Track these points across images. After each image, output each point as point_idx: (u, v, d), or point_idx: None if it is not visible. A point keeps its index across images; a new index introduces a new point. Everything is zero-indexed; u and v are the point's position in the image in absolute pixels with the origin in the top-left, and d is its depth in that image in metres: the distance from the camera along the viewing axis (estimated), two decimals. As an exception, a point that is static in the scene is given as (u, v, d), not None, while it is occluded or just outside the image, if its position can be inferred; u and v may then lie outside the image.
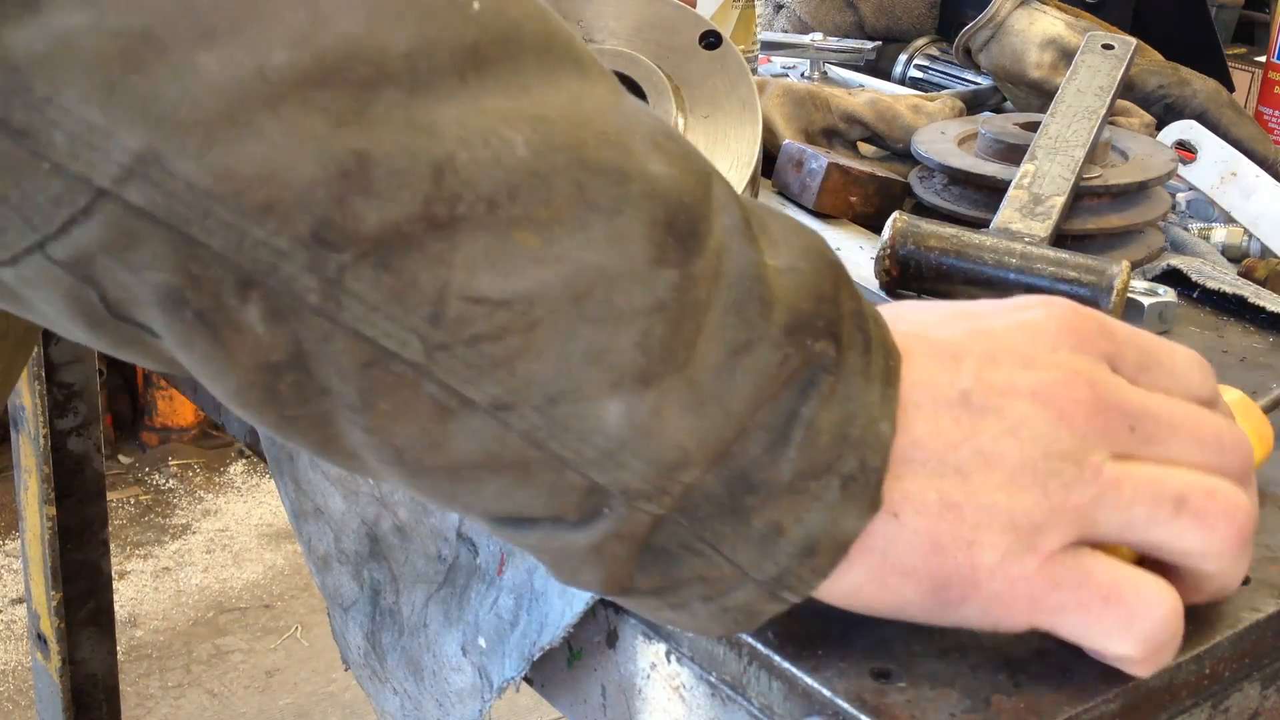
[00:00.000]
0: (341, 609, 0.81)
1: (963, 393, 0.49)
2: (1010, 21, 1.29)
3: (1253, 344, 0.94)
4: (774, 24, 1.61)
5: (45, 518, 1.49)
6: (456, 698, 0.72)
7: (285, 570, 2.97)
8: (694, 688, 0.61)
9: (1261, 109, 1.54)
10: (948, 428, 0.49)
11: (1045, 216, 0.94)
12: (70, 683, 1.56)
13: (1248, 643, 0.61)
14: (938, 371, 0.50)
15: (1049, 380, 0.50)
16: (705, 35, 0.84)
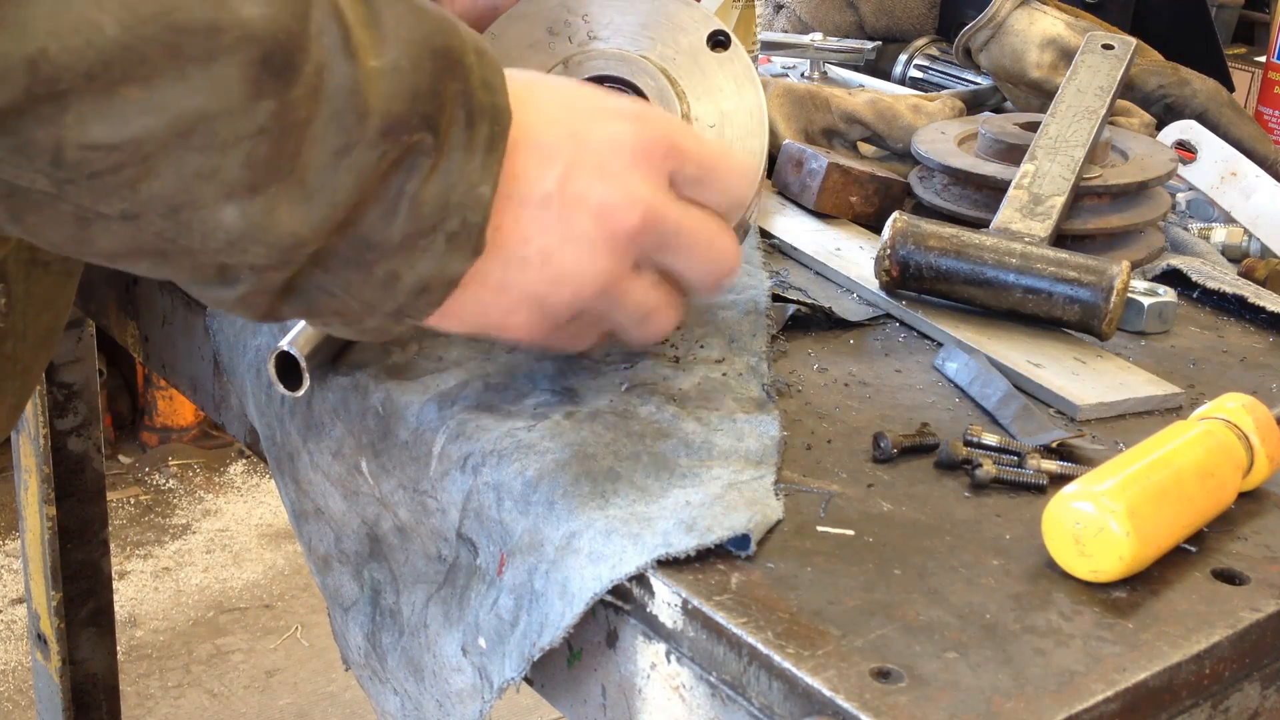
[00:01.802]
0: (342, 609, 0.81)
1: (545, 195, 0.64)
2: (1010, 21, 1.29)
3: (1253, 344, 0.94)
4: (774, 24, 1.60)
5: (45, 518, 1.49)
6: (456, 698, 0.72)
7: (285, 570, 2.96)
8: (694, 688, 0.62)
9: (1261, 109, 1.54)
10: (525, 223, 0.64)
11: (1045, 216, 0.94)
12: (70, 683, 1.56)
13: (1248, 643, 0.61)
14: (531, 168, 0.64)
15: (612, 201, 0.65)
16: (714, 35, 0.81)
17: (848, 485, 0.71)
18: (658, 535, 0.63)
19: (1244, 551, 0.67)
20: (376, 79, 0.57)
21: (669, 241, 0.68)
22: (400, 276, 0.61)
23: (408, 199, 0.59)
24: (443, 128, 0.59)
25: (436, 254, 0.61)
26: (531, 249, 0.65)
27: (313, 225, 0.57)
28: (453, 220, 0.61)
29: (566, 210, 0.65)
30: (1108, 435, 0.79)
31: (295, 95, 0.55)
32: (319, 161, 0.56)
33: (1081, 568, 0.62)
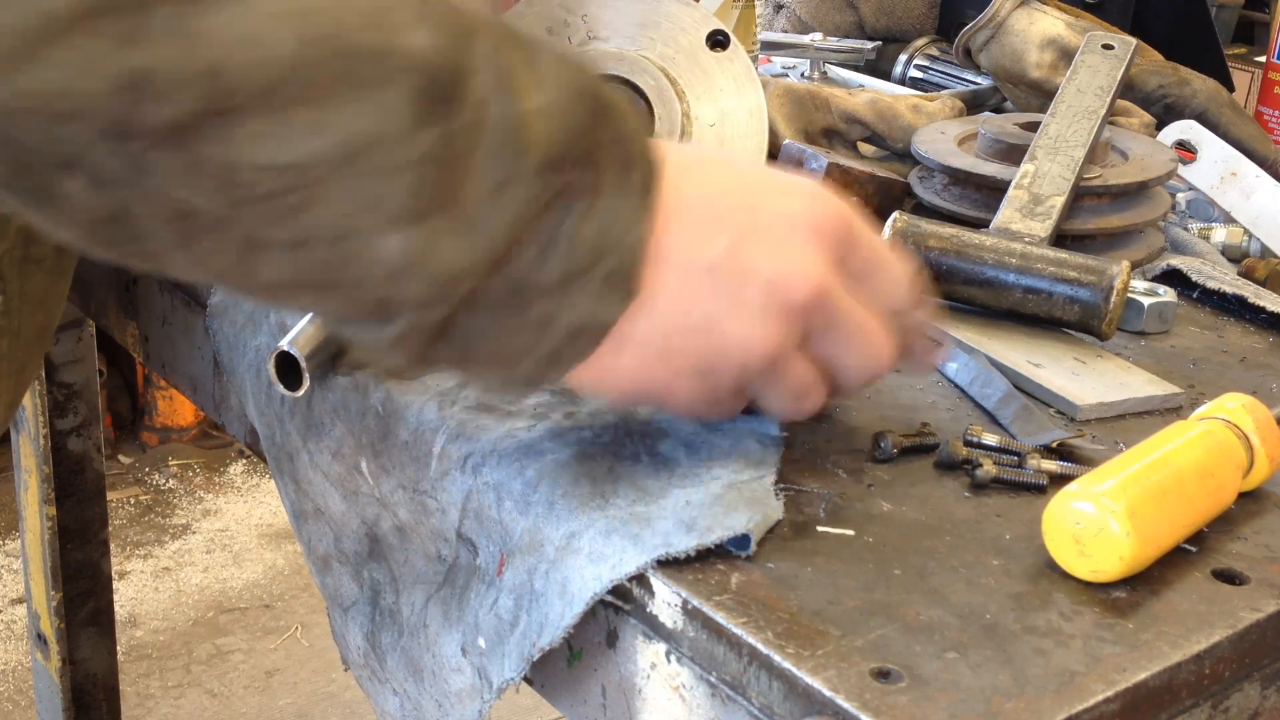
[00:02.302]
0: (341, 609, 0.81)
1: (711, 263, 0.63)
2: (1010, 21, 1.29)
3: (1253, 344, 0.94)
4: (774, 24, 1.60)
5: (45, 518, 1.49)
6: (456, 698, 0.72)
7: (285, 570, 2.97)
8: (694, 688, 0.62)
9: (1261, 109, 1.54)
10: (689, 289, 0.63)
11: (1045, 216, 0.94)
12: (70, 683, 1.56)
13: (1248, 643, 0.61)
14: (698, 234, 0.63)
15: (784, 274, 0.64)
16: (713, 35, 0.80)
17: (848, 485, 0.71)
18: (658, 535, 0.63)
19: (1244, 551, 0.67)
20: (536, 117, 0.57)
21: (835, 323, 0.66)
22: (555, 318, 0.61)
23: (565, 238, 0.59)
24: (601, 165, 0.60)
25: (591, 295, 0.61)
26: (695, 316, 0.64)
27: (473, 259, 0.57)
28: (609, 261, 0.60)
29: (735, 280, 0.64)
30: (1108, 435, 0.79)
31: (458, 126, 0.55)
32: (479, 195, 0.56)
33: (1081, 568, 0.62)
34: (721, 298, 0.64)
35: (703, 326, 0.64)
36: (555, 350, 0.62)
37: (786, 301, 0.64)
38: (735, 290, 0.63)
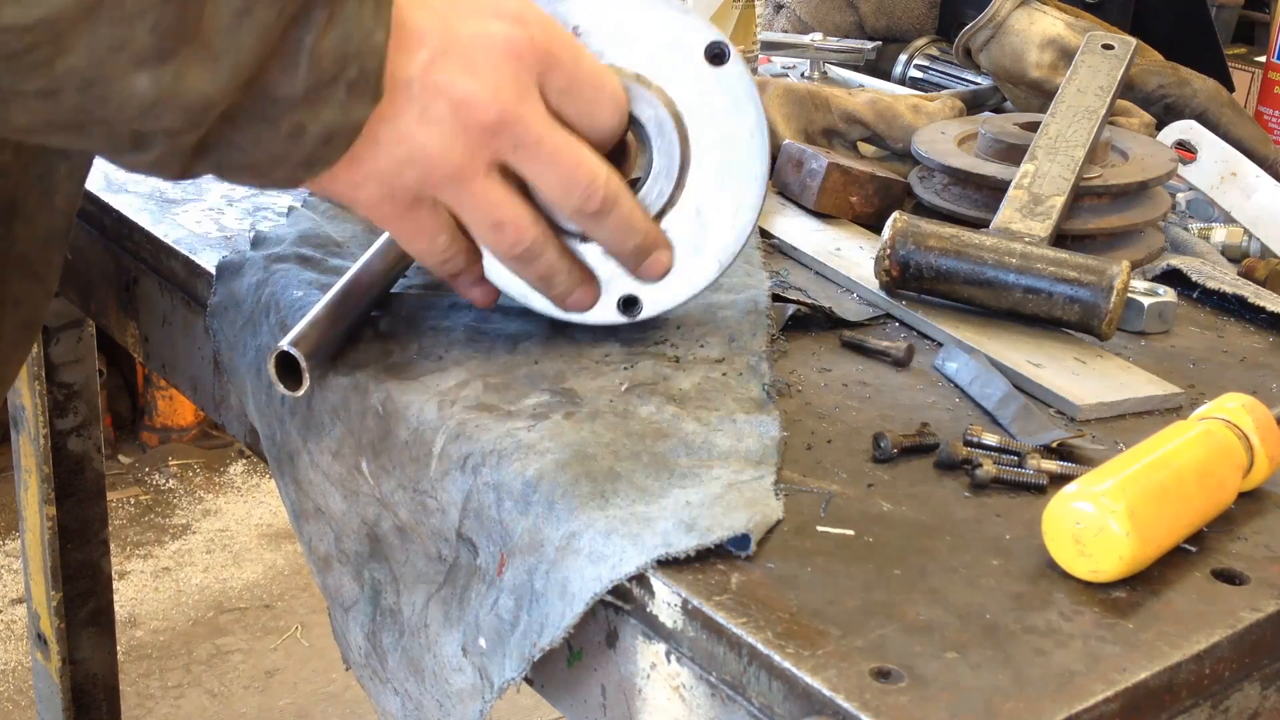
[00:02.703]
0: (342, 609, 0.81)
1: (408, 80, 0.67)
2: (1010, 21, 1.29)
3: (1253, 344, 0.94)
4: (774, 24, 1.60)
5: (45, 518, 1.49)
6: (457, 698, 0.72)
7: (285, 570, 2.96)
8: (694, 688, 0.62)
9: (1261, 109, 1.54)
10: (384, 108, 0.66)
11: (1045, 216, 0.94)
12: (70, 683, 1.56)
13: (1248, 643, 0.61)
14: (400, 51, 0.66)
15: (472, 95, 0.68)
16: (711, 48, 0.78)
17: (848, 485, 0.71)
18: (658, 535, 0.63)
19: (1244, 551, 0.67)
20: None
21: (527, 148, 0.70)
22: (305, 127, 0.64)
23: (307, 52, 0.62)
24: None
25: (339, 102, 0.64)
26: (385, 128, 0.67)
27: (220, 85, 0.60)
28: (351, 69, 0.63)
29: (426, 96, 0.68)
30: (1108, 435, 0.79)
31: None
32: (222, 23, 0.59)
33: (1081, 568, 0.62)
34: (410, 113, 0.68)
35: (389, 140, 0.68)
36: (309, 156, 0.65)
37: (472, 120, 0.68)
38: (425, 105, 0.68)
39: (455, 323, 0.84)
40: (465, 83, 0.68)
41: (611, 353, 0.81)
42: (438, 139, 0.69)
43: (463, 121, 0.68)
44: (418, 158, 0.69)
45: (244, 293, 0.89)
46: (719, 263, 0.82)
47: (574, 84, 0.71)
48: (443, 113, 0.68)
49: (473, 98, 0.68)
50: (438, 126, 0.68)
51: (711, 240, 0.81)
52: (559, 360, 0.80)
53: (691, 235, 0.80)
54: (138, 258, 1.04)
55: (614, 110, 0.74)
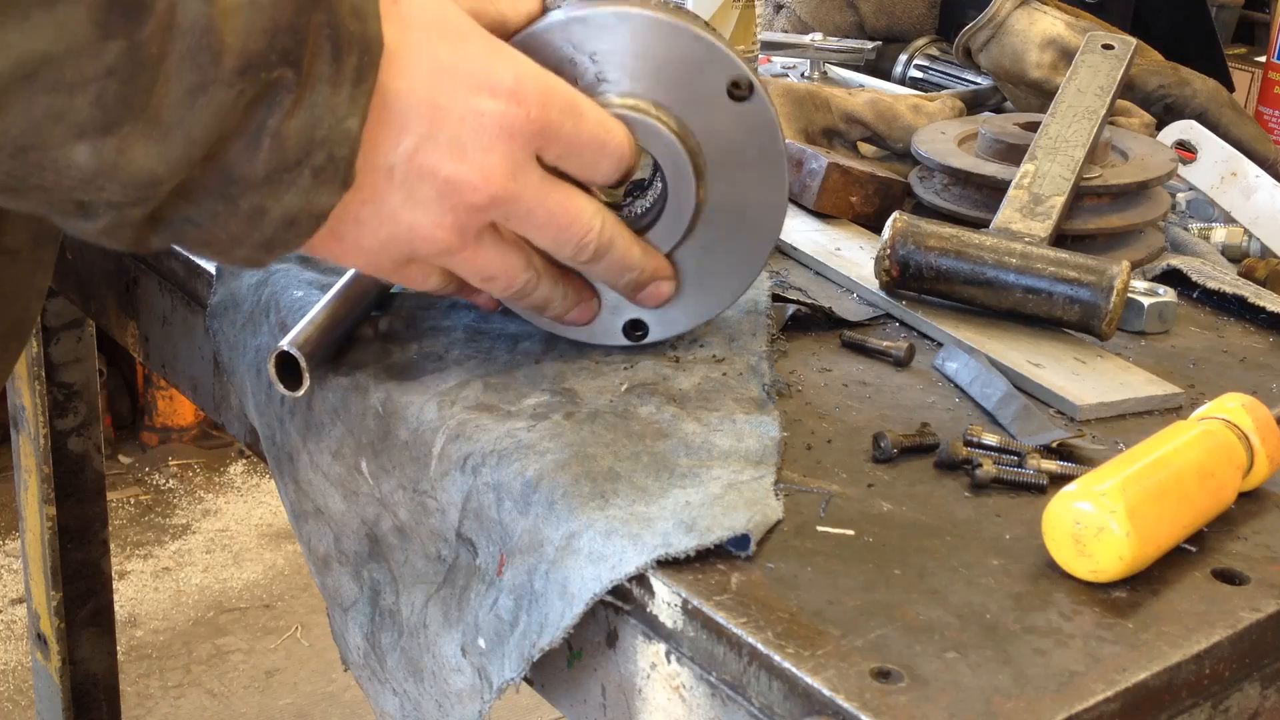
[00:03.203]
0: (341, 609, 0.81)
1: (390, 167, 0.65)
2: (1010, 21, 1.29)
3: (1253, 344, 0.94)
4: (774, 24, 1.60)
5: (45, 518, 1.49)
6: (456, 698, 0.72)
7: (285, 570, 2.97)
8: (694, 688, 0.61)
9: (1261, 109, 1.54)
10: (366, 191, 0.65)
11: (1045, 216, 0.94)
12: (70, 683, 1.56)
13: (1248, 643, 0.61)
14: (383, 136, 0.64)
15: (461, 179, 0.66)
16: (734, 85, 0.74)
17: (848, 485, 0.71)
18: (658, 535, 0.63)
19: (1244, 551, 0.67)
20: (234, 14, 0.56)
21: (518, 218, 0.69)
22: (266, 210, 0.62)
23: (270, 134, 0.59)
24: (306, 62, 0.59)
25: (303, 188, 0.62)
26: (367, 210, 0.66)
27: (169, 163, 0.58)
28: (318, 155, 0.61)
29: (412, 180, 0.66)
30: (1108, 435, 0.79)
31: (146, 34, 0.54)
32: (173, 100, 0.56)
33: (1081, 568, 0.62)
34: (395, 197, 0.66)
35: (372, 221, 0.67)
36: (269, 239, 0.63)
37: (460, 202, 0.67)
38: (411, 188, 0.66)
39: (455, 323, 0.84)
40: (453, 166, 0.66)
41: (611, 353, 0.81)
42: (425, 219, 0.67)
43: (451, 202, 0.67)
44: (404, 236, 0.68)
45: (244, 293, 0.89)
46: (732, 292, 0.81)
47: (573, 149, 0.70)
48: (430, 195, 0.67)
49: (461, 181, 0.66)
50: (424, 209, 0.67)
51: (725, 271, 0.80)
52: (559, 360, 0.80)
53: (704, 266, 0.79)
54: (137, 257, 1.04)
55: (617, 165, 0.72)
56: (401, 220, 0.67)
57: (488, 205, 0.68)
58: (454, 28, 0.67)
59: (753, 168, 0.77)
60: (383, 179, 0.65)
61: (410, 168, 0.65)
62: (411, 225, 0.67)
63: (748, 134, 0.76)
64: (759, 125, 0.76)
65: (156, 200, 0.59)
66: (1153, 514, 0.62)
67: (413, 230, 0.67)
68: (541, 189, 0.69)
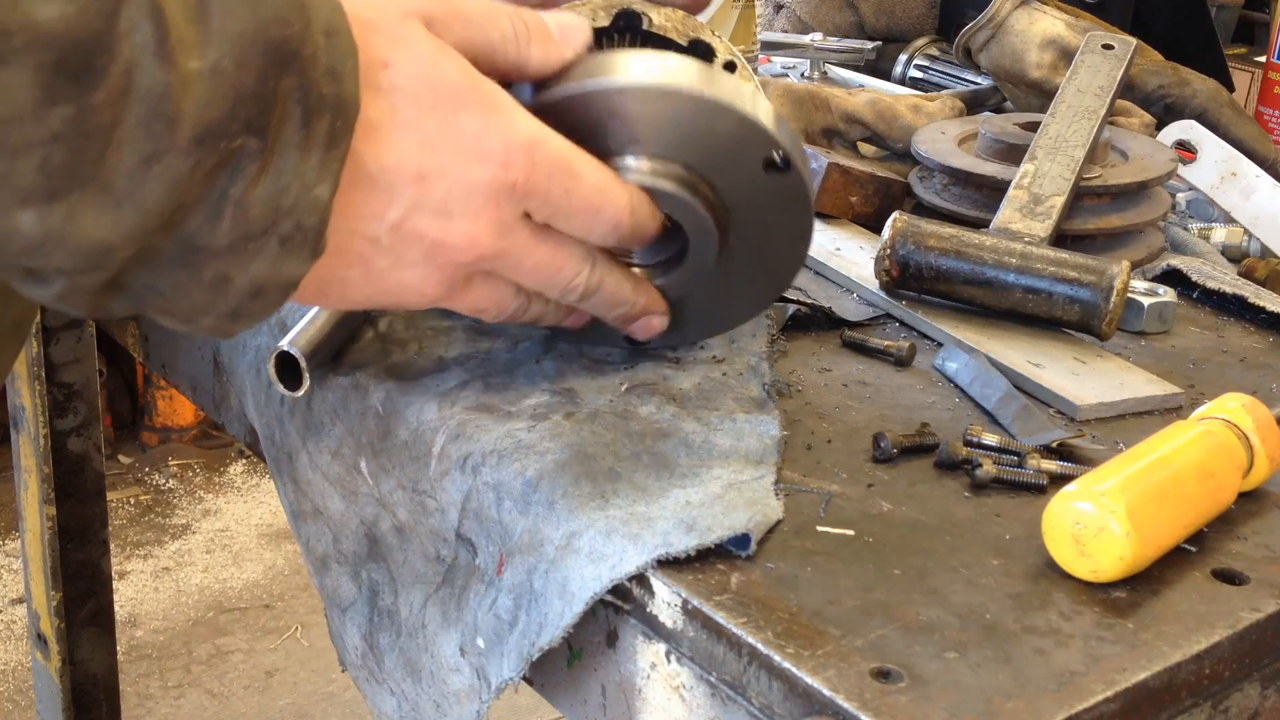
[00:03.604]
0: (339, 609, 0.81)
1: (376, 237, 0.64)
2: (1010, 21, 1.29)
3: (1253, 344, 0.94)
4: (774, 24, 1.60)
5: (45, 518, 1.48)
6: (454, 698, 0.72)
7: (285, 570, 2.96)
8: (694, 688, 0.61)
9: (1261, 109, 1.54)
10: (351, 256, 0.64)
11: (1045, 216, 0.94)
12: (70, 683, 1.56)
13: (1248, 643, 0.61)
14: (366, 206, 0.63)
15: (448, 240, 0.65)
16: (769, 161, 0.72)
17: (848, 485, 0.71)
18: (658, 535, 0.63)
19: (1244, 551, 0.67)
20: (194, 82, 0.54)
21: (506, 269, 0.69)
22: (231, 279, 0.59)
23: (233, 203, 0.57)
24: (272, 129, 0.57)
25: (269, 257, 0.59)
26: (354, 273, 0.65)
27: (122, 232, 0.55)
28: (285, 223, 0.59)
29: (399, 245, 0.65)
30: (1108, 435, 0.79)
31: (97, 100, 0.52)
32: (126, 167, 0.54)
33: (1081, 568, 0.62)
34: (382, 260, 0.65)
35: (358, 280, 0.66)
36: (235, 308, 0.61)
37: (448, 260, 0.66)
38: (399, 253, 0.65)
39: (455, 323, 0.84)
40: (440, 231, 0.65)
41: (611, 353, 0.81)
42: (413, 277, 0.67)
43: (438, 261, 0.66)
44: (392, 290, 0.67)
45: (244, 293, 0.89)
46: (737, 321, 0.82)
47: (561, 213, 0.68)
48: (417, 257, 0.66)
49: (448, 244, 0.66)
50: (412, 269, 0.66)
51: (734, 303, 0.80)
52: (559, 360, 0.80)
53: (713, 298, 0.79)
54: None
55: (613, 230, 0.70)
56: (389, 279, 0.66)
57: (475, 262, 0.67)
58: (446, 94, 0.64)
59: (780, 230, 0.75)
60: (369, 246, 0.65)
61: (397, 235, 0.65)
62: (400, 282, 0.67)
63: (780, 202, 0.74)
64: (793, 196, 0.74)
65: (112, 268, 0.57)
66: (1153, 514, 0.62)
67: (401, 285, 0.67)
68: (528, 244, 0.68)
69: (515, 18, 0.70)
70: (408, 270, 0.66)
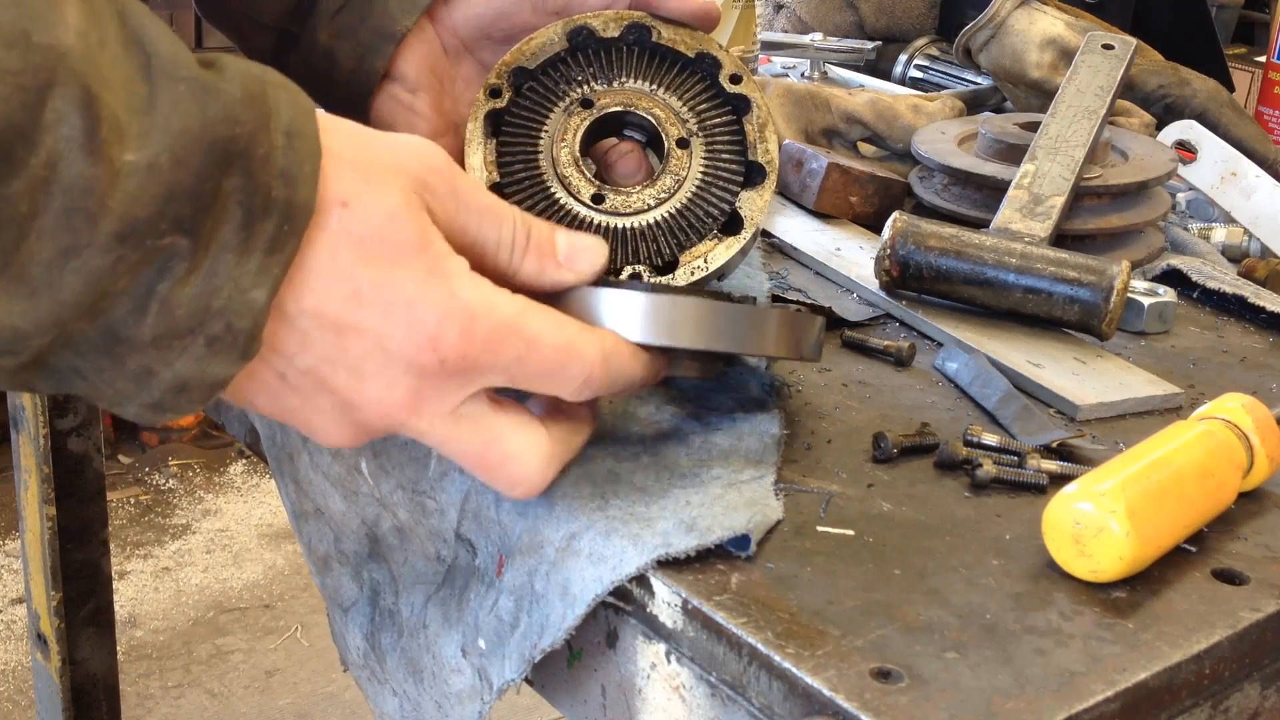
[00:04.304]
0: (341, 610, 0.81)
1: (281, 374, 0.61)
2: (1010, 21, 1.29)
3: (1253, 344, 0.94)
4: (774, 24, 1.60)
5: (45, 518, 1.48)
6: (456, 699, 0.72)
7: (285, 570, 2.97)
8: (694, 688, 0.61)
9: (1261, 109, 1.54)
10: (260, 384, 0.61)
11: (1045, 216, 0.94)
12: (70, 683, 1.56)
13: (1248, 643, 0.61)
14: (276, 337, 0.59)
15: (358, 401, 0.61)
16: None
17: (848, 485, 0.71)
18: (658, 535, 0.63)
19: (1244, 551, 0.67)
20: (124, 176, 0.52)
21: (426, 442, 0.64)
22: (155, 373, 0.57)
23: (158, 300, 0.55)
24: (206, 230, 0.55)
25: (195, 356, 0.57)
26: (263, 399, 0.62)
27: (35, 321, 0.53)
28: (214, 324, 0.56)
29: (308, 386, 0.61)
30: (1108, 435, 0.79)
31: (13, 190, 0.50)
32: (43, 258, 0.52)
33: (1081, 568, 0.62)
34: (295, 396, 0.62)
35: (284, 410, 0.63)
36: (158, 401, 0.58)
37: (359, 419, 0.62)
38: (309, 395, 0.61)
39: (455, 323, 0.84)
40: (350, 388, 0.61)
41: (611, 353, 0.81)
42: (322, 423, 0.63)
43: (350, 418, 0.62)
44: (304, 428, 0.63)
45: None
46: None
47: (525, 379, 0.64)
48: (327, 406, 0.62)
49: (356, 403, 0.61)
50: (321, 416, 0.62)
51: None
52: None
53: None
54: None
55: (584, 384, 0.65)
56: (299, 416, 0.63)
57: (388, 429, 0.63)
58: (395, 247, 0.60)
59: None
60: (277, 380, 0.61)
61: (305, 380, 0.61)
62: (309, 423, 0.63)
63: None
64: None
65: (29, 353, 0.55)
66: (1153, 514, 0.62)
67: (310, 426, 0.63)
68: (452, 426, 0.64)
69: (520, 225, 0.67)
70: (316, 415, 0.62)
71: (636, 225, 0.81)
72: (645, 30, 0.81)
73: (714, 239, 0.84)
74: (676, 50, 0.81)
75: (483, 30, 0.88)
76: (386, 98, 0.87)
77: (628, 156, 0.86)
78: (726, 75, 0.82)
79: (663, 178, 0.82)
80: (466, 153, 0.84)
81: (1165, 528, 0.64)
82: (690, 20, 0.82)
